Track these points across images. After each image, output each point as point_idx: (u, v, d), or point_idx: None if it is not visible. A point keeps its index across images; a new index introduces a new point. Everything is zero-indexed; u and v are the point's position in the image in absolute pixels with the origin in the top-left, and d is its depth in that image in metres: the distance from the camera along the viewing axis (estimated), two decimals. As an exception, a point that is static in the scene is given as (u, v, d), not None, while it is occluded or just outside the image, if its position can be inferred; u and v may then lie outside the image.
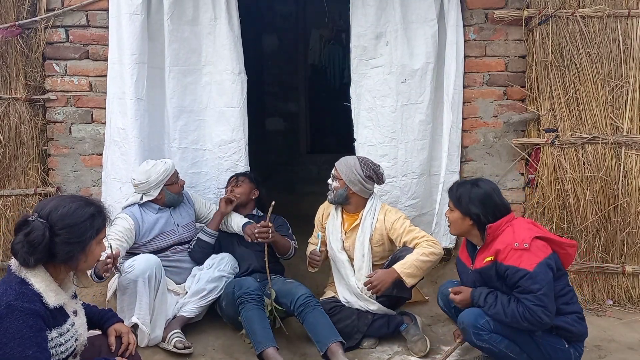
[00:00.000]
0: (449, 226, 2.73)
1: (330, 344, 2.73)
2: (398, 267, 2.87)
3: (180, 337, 2.92)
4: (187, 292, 3.14)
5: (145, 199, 3.19)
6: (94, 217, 1.90)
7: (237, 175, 3.50)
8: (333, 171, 3.18)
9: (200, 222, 3.47)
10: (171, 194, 3.22)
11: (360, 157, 3.25)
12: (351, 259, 3.14)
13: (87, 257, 1.91)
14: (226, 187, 3.49)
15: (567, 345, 2.49)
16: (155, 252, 3.11)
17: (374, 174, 3.13)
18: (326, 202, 3.32)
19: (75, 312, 1.97)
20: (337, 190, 3.14)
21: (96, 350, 2.09)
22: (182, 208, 3.36)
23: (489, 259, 2.51)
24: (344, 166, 3.14)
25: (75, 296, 2.03)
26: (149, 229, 3.16)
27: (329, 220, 3.25)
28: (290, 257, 3.41)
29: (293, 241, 3.42)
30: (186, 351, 2.87)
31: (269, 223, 3.09)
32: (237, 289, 2.94)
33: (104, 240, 2.02)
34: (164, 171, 3.16)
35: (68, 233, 1.83)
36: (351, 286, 3.09)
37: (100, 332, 2.20)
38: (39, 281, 1.81)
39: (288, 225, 3.50)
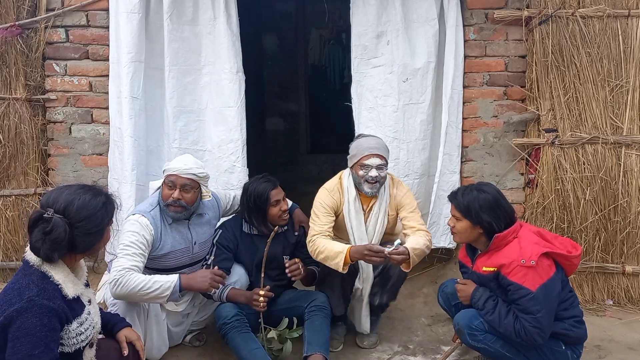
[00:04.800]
0: (453, 234, 2.65)
1: (317, 353, 2.67)
2: (410, 250, 2.71)
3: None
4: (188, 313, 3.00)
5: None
6: (107, 204, 1.95)
7: (278, 187, 2.97)
8: (379, 161, 2.87)
9: (225, 215, 3.16)
10: (160, 196, 2.79)
11: (375, 136, 3.10)
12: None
13: (103, 243, 1.98)
14: (270, 206, 2.91)
15: (564, 347, 2.49)
16: (162, 271, 2.77)
17: None
18: (336, 184, 3.02)
19: (89, 301, 2.00)
20: (384, 179, 2.94)
21: (103, 353, 2.09)
22: (206, 220, 2.95)
23: (490, 269, 2.48)
24: (385, 149, 2.96)
25: (87, 284, 2.05)
26: (162, 242, 2.76)
27: (349, 205, 2.97)
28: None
29: (317, 267, 3.04)
30: None
31: (296, 259, 2.87)
32: (217, 320, 2.80)
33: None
34: (166, 165, 2.83)
35: (87, 224, 1.86)
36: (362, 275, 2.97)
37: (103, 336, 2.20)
38: (58, 273, 1.85)
39: None
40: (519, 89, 3.72)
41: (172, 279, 2.56)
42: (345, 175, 3.03)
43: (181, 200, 2.74)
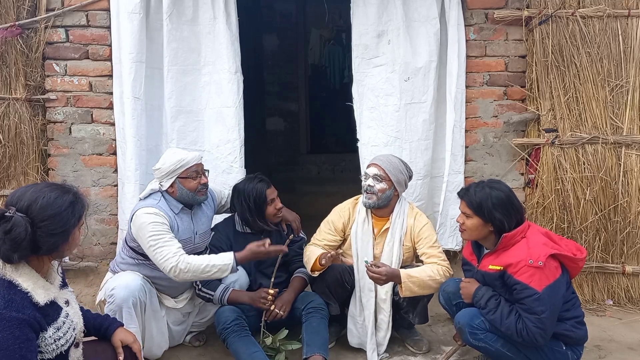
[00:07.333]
0: (462, 231, 2.60)
1: (316, 354, 2.68)
2: (404, 275, 2.70)
3: None
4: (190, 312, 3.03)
5: (159, 187, 2.85)
6: (74, 204, 1.83)
7: (272, 186, 3.02)
8: (375, 171, 2.87)
9: (218, 212, 3.20)
10: (184, 189, 2.81)
11: (395, 155, 3.05)
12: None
13: (70, 245, 1.86)
14: (267, 205, 2.96)
15: (564, 348, 2.49)
16: None
17: (411, 174, 3.00)
18: (349, 204, 3.05)
19: (67, 302, 1.92)
20: (383, 193, 2.85)
21: (99, 356, 2.05)
22: (203, 212, 3.00)
23: (496, 267, 2.46)
24: (391, 166, 2.88)
25: (64, 284, 1.97)
26: (172, 232, 2.78)
27: (357, 225, 2.96)
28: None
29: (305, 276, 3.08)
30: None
31: (271, 308, 2.84)
32: (217, 325, 2.81)
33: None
34: (178, 161, 2.79)
35: (51, 224, 1.76)
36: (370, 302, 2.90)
37: (97, 338, 2.14)
38: (26, 280, 1.76)
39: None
40: (519, 89, 3.72)
41: (228, 260, 2.65)
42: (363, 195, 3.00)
43: (207, 183, 2.91)
